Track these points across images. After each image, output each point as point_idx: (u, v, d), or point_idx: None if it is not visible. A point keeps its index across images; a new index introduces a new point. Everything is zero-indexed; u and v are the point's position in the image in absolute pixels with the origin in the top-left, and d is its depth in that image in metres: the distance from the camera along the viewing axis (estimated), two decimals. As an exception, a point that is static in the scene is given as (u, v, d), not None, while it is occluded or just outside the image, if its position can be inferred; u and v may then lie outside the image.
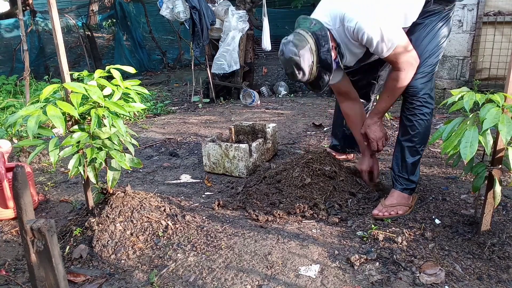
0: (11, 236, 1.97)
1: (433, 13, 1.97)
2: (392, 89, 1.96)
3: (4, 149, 2.50)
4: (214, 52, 5.35)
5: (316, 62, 1.86)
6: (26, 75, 3.61)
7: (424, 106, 1.93)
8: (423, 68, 1.93)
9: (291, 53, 1.84)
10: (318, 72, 1.89)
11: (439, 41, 1.98)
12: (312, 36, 1.85)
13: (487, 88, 4.03)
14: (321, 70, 1.89)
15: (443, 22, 1.98)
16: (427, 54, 1.95)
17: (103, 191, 1.93)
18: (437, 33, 1.97)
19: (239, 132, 3.12)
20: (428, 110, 1.95)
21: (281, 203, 2.09)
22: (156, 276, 1.58)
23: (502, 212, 1.97)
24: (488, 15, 4.14)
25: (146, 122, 4.42)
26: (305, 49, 1.82)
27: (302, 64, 1.83)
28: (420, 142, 1.99)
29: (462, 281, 1.49)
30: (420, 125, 1.95)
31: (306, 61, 1.83)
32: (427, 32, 1.97)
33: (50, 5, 1.62)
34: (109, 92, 1.69)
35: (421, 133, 1.97)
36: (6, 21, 8.47)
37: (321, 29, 1.84)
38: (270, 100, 5.57)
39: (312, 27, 1.86)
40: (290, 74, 1.91)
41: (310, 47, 1.83)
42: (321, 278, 1.53)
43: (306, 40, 1.84)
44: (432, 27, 1.97)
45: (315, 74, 1.90)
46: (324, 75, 1.90)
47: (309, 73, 1.87)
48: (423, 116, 1.94)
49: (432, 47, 1.96)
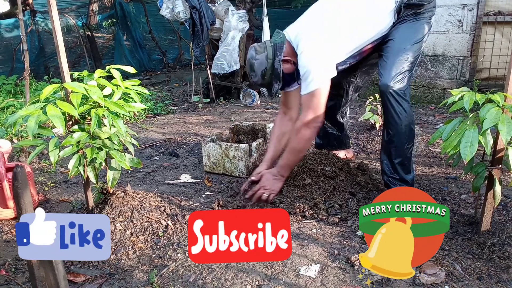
0: (11, 236, 1.97)
1: (407, 15, 2.03)
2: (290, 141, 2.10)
3: (4, 149, 2.50)
4: (214, 52, 5.35)
5: (269, 69, 2.04)
6: (26, 75, 3.60)
7: (399, 104, 1.96)
8: (398, 66, 1.96)
9: (250, 56, 2.08)
10: (270, 78, 2.07)
11: (414, 40, 2.01)
12: (272, 47, 2.04)
13: (487, 88, 4.02)
14: (273, 78, 2.07)
15: (419, 22, 2.03)
16: (400, 52, 1.99)
17: (103, 191, 1.93)
18: (412, 32, 2.02)
19: (239, 132, 3.12)
20: (405, 108, 1.97)
21: (281, 203, 2.09)
22: (156, 276, 1.58)
23: (502, 212, 1.97)
24: (488, 15, 4.14)
25: (146, 122, 4.42)
26: (261, 55, 2.03)
27: (255, 67, 2.05)
28: (402, 141, 1.99)
29: (462, 281, 1.49)
30: (397, 124, 1.96)
31: (259, 66, 2.04)
32: (401, 32, 2.03)
33: (50, 5, 1.62)
34: (109, 92, 1.69)
35: (401, 132, 1.98)
36: (6, 21, 8.46)
37: (282, 42, 2.04)
38: (270, 100, 5.57)
39: (277, 39, 2.07)
40: (248, 73, 2.14)
41: (267, 55, 2.03)
42: (321, 278, 1.53)
43: (266, 48, 2.04)
44: (406, 27, 2.03)
45: (268, 80, 2.08)
46: (274, 82, 2.09)
47: (262, 77, 2.06)
48: (401, 114, 1.96)
49: (406, 45, 2.00)
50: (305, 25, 2.07)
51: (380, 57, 2.08)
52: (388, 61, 2.00)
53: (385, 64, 2.00)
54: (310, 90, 1.95)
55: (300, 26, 2.09)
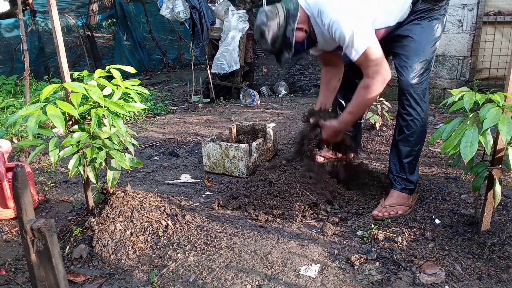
0: (11, 236, 1.97)
1: (423, 11, 1.96)
2: (360, 97, 1.97)
3: (4, 149, 2.50)
4: (214, 52, 5.35)
5: (281, 37, 1.93)
6: (26, 75, 3.61)
7: (418, 104, 1.93)
8: (418, 66, 1.93)
9: (260, 22, 1.94)
10: (280, 46, 1.97)
11: (432, 39, 1.97)
12: (285, 13, 1.92)
13: (487, 88, 4.02)
14: (283, 46, 1.96)
15: (436, 21, 1.98)
16: (420, 52, 1.95)
17: (103, 191, 1.93)
18: (430, 31, 1.97)
19: (239, 132, 3.12)
20: (423, 109, 1.95)
21: (282, 203, 2.09)
22: (156, 276, 1.58)
23: (502, 212, 1.97)
24: (488, 15, 4.14)
25: (146, 122, 4.42)
26: (273, 21, 1.91)
27: (266, 34, 1.92)
28: (416, 141, 1.98)
29: (462, 281, 1.49)
30: (415, 124, 1.95)
31: (271, 32, 1.92)
32: (420, 30, 1.97)
33: (50, 5, 1.62)
34: (109, 92, 1.69)
35: (416, 132, 1.96)
36: (6, 21, 8.46)
37: (295, 9, 1.92)
38: (270, 100, 5.57)
39: (289, 5, 1.93)
40: (257, 40, 2.03)
41: (279, 21, 1.91)
42: (321, 278, 1.53)
43: (278, 14, 1.92)
44: (425, 26, 1.97)
45: (278, 47, 1.97)
46: (285, 51, 1.98)
47: (272, 44, 1.95)
48: (418, 114, 1.94)
49: (425, 45, 1.96)
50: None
51: (398, 56, 2.01)
52: (409, 60, 1.95)
53: (406, 64, 1.95)
54: (361, 51, 1.83)
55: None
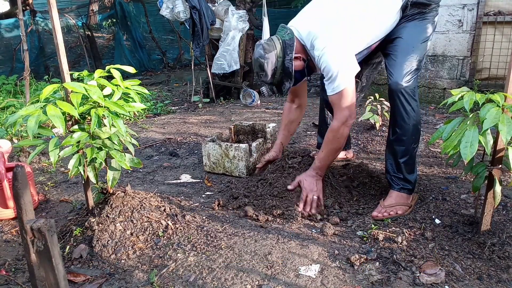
0: (11, 236, 1.97)
1: (413, 14, 2.01)
2: (328, 142, 2.03)
3: (4, 149, 2.50)
4: (214, 52, 5.35)
5: (280, 68, 1.99)
6: (26, 75, 3.61)
7: (409, 103, 1.94)
8: (407, 65, 1.94)
9: (258, 55, 2.00)
10: (281, 77, 2.03)
11: (422, 39, 2.00)
12: (281, 44, 1.98)
13: (487, 88, 4.02)
14: (283, 76, 2.02)
15: (426, 21, 2.01)
16: (410, 51, 1.97)
17: (103, 191, 1.93)
18: (420, 31, 2.00)
19: (239, 132, 3.12)
20: (414, 107, 1.95)
21: (282, 203, 2.09)
22: (156, 276, 1.58)
23: (502, 212, 1.97)
24: (488, 15, 4.14)
25: (146, 122, 4.42)
26: (271, 54, 1.97)
27: (265, 66, 1.98)
28: (410, 141, 1.98)
29: (462, 281, 1.49)
30: (406, 123, 1.96)
31: (270, 64, 1.98)
32: (409, 30, 2.00)
33: (50, 5, 1.62)
34: (109, 92, 1.69)
35: (409, 131, 1.97)
36: (6, 21, 8.46)
37: (291, 39, 1.98)
38: (270, 100, 5.57)
39: (284, 36, 1.99)
40: (256, 73, 2.08)
41: (277, 53, 1.97)
42: (321, 278, 1.53)
43: (274, 46, 1.98)
44: (414, 26, 2.01)
45: (278, 79, 2.03)
46: (285, 81, 2.04)
47: (272, 76, 2.01)
48: (409, 113, 1.94)
49: (414, 44, 1.98)
50: (316, 21, 1.98)
51: (388, 56, 2.04)
52: (398, 59, 1.96)
53: (395, 63, 1.97)
54: (338, 90, 1.90)
55: (310, 21, 2.00)
